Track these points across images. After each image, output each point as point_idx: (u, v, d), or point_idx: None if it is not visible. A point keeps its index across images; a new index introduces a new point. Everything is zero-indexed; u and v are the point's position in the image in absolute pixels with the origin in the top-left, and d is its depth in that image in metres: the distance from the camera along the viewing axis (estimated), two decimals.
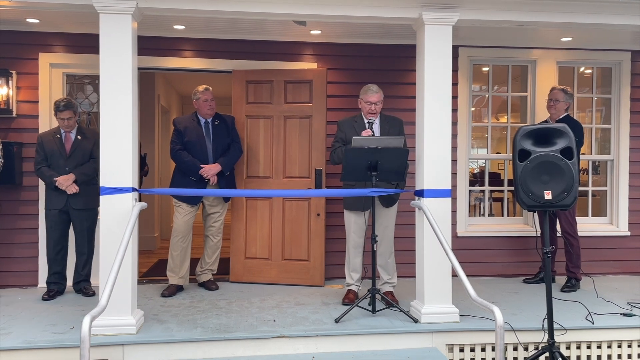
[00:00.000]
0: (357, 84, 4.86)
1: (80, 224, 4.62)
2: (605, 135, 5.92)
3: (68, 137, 4.62)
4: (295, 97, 5.13)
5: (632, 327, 3.90)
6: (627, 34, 5.25)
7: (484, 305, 3.02)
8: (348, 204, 4.41)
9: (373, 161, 3.89)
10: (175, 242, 4.75)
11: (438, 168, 3.92)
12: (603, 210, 5.90)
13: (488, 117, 5.89)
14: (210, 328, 3.72)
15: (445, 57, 3.93)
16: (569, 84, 5.48)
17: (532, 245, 5.27)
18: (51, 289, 4.58)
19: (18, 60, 5.01)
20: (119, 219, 3.56)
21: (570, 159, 3.31)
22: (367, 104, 4.30)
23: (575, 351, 3.86)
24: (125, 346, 3.47)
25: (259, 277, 5.15)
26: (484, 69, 5.84)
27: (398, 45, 5.41)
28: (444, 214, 3.88)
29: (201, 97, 4.80)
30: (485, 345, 3.79)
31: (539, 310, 4.11)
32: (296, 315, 4.06)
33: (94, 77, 5.27)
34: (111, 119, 3.63)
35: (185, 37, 5.22)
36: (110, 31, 3.61)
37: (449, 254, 3.45)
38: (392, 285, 4.46)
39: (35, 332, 3.63)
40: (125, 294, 3.58)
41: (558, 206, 3.35)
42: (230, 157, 4.86)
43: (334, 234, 5.19)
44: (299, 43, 5.37)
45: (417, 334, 3.75)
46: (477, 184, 6.68)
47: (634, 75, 5.72)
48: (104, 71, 3.62)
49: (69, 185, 4.49)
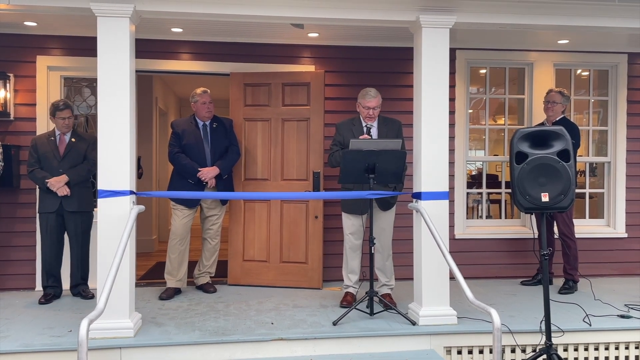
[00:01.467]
0: (354, 87, 4.87)
1: (74, 227, 4.57)
2: (602, 138, 5.93)
3: (62, 139, 4.60)
4: (293, 99, 5.14)
5: (629, 329, 3.91)
6: (623, 37, 5.27)
7: (481, 307, 3.02)
8: (346, 207, 4.41)
9: (371, 164, 3.89)
10: (173, 245, 4.75)
11: (435, 170, 3.93)
12: (600, 212, 5.92)
13: (485, 119, 5.90)
14: (208, 331, 3.72)
15: (443, 59, 3.94)
16: (566, 86, 5.49)
17: (529, 248, 5.28)
18: (48, 292, 4.55)
19: (16, 63, 5.01)
20: (116, 221, 3.55)
21: (567, 161, 3.32)
22: (365, 108, 4.30)
23: (572, 353, 3.87)
24: (123, 349, 3.47)
25: (257, 279, 5.15)
26: (481, 71, 5.85)
27: (395, 48, 5.42)
28: (441, 216, 3.88)
29: (199, 100, 4.81)
30: (483, 348, 3.80)
31: (537, 312, 4.12)
32: (294, 317, 4.06)
33: (92, 80, 5.27)
34: (109, 121, 3.63)
35: (183, 39, 5.22)
36: (108, 34, 3.62)
37: (447, 256, 3.45)
38: (390, 287, 4.46)
39: (32, 336, 3.62)
40: (123, 297, 3.58)
41: (555, 208, 3.36)
42: (228, 160, 4.86)
43: (332, 236, 5.19)
44: (297, 46, 5.38)
45: (415, 337, 3.75)
46: (474, 186, 6.70)
47: (630, 78, 5.74)
48: (102, 74, 3.62)
49: (60, 187, 4.45)
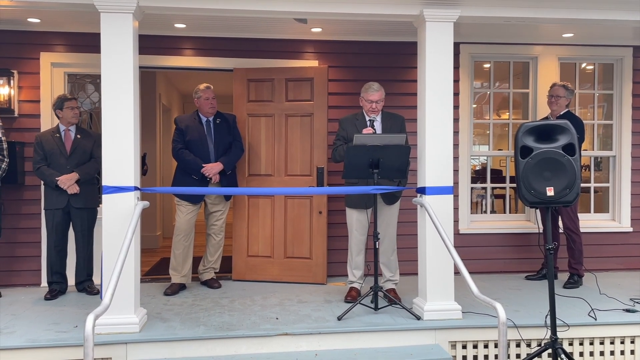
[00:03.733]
0: (358, 82, 4.85)
1: (81, 224, 4.61)
2: (607, 132, 5.91)
3: (68, 136, 4.61)
4: (296, 95, 5.13)
5: (634, 323, 3.90)
6: (628, 30, 5.23)
7: (486, 302, 3.02)
8: (350, 202, 4.41)
9: (375, 159, 3.89)
10: (178, 241, 4.76)
11: (440, 165, 3.92)
12: (605, 207, 5.90)
13: (490, 114, 5.89)
14: (213, 326, 3.73)
15: (447, 54, 3.92)
16: (570, 80, 5.46)
17: (534, 242, 5.27)
18: (53, 288, 4.57)
19: (19, 60, 5.02)
20: (121, 218, 3.56)
21: (572, 155, 3.31)
22: (368, 102, 4.29)
23: (578, 347, 3.86)
24: (129, 344, 3.48)
25: (261, 275, 5.15)
26: (485, 65, 5.83)
27: (399, 43, 5.40)
28: (446, 211, 3.87)
29: (202, 96, 4.80)
30: (488, 342, 3.79)
31: (542, 306, 4.11)
32: (299, 313, 4.07)
33: (96, 76, 5.28)
34: (113, 117, 3.63)
35: (186, 35, 5.22)
36: (111, 30, 3.61)
37: (451, 251, 3.45)
38: (394, 282, 4.46)
39: (38, 331, 3.64)
40: (129, 292, 3.59)
41: (560, 202, 3.35)
42: (232, 156, 4.86)
43: (336, 231, 5.19)
44: (300, 41, 5.37)
45: (419, 331, 3.75)
46: (479, 180, 6.68)
47: (635, 71, 5.70)
48: (105, 70, 3.62)
49: (71, 184, 4.48)
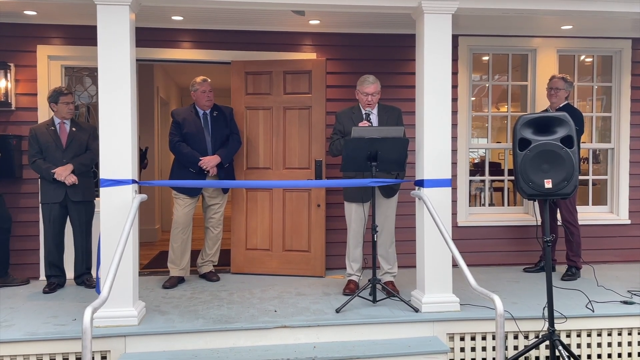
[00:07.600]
0: (356, 74, 4.83)
1: (79, 217, 4.59)
2: (605, 124, 5.90)
3: (63, 129, 4.59)
4: (294, 87, 5.12)
5: (632, 315, 3.91)
6: (627, 22, 5.21)
7: (484, 294, 3.02)
8: (348, 196, 4.41)
9: (373, 151, 3.88)
10: (176, 234, 4.76)
11: (438, 158, 3.91)
12: (603, 199, 5.90)
13: (488, 107, 5.88)
14: (212, 319, 3.73)
15: (445, 46, 3.91)
16: (569, 73, 5.45)
17: (532, 235, 5.27)
18: (51, 282, 4.57)
19: (16, 53, 5.00)
20: (119, 211, 3.55)
21: (571, 148, 3.31)
22: (364, 95, 4.28)
23: (575, 339, 3.88)
24: (127, 337, 3.49)
25: (260, 268, 5.16)
26: (483, 58, 5.82)
27: (397, 35, 5.38)
28: (444, 204, 3.87)
29: (199, 89, 4.79)
30: (486, 334, 3.80)
31: (540, 299, 4.12)
32: (297, 305, 4.08)
33: (93, 69, 5.24)
34: (110, 111, 3.62)
35: (184, 28, 5.19)
36: (108, 23, 3.59)
37: (450, 243, 3.45)
38: (392, 275, 4.47)
39: (37, 324, 3.64)
40: (127, 285, 3.59)
41: (558, 195, 3.35)
42: (230, 149, 4.85)
43: (335, 224, 5.19)
44: (298, 33, 5.35)
45: (417, 323, 3.76)
46: (477, 173, 6.69)
47: (634, 63, 5.69)
48: (103, 63, 3.60)
49: (67, 175, 4.46)
